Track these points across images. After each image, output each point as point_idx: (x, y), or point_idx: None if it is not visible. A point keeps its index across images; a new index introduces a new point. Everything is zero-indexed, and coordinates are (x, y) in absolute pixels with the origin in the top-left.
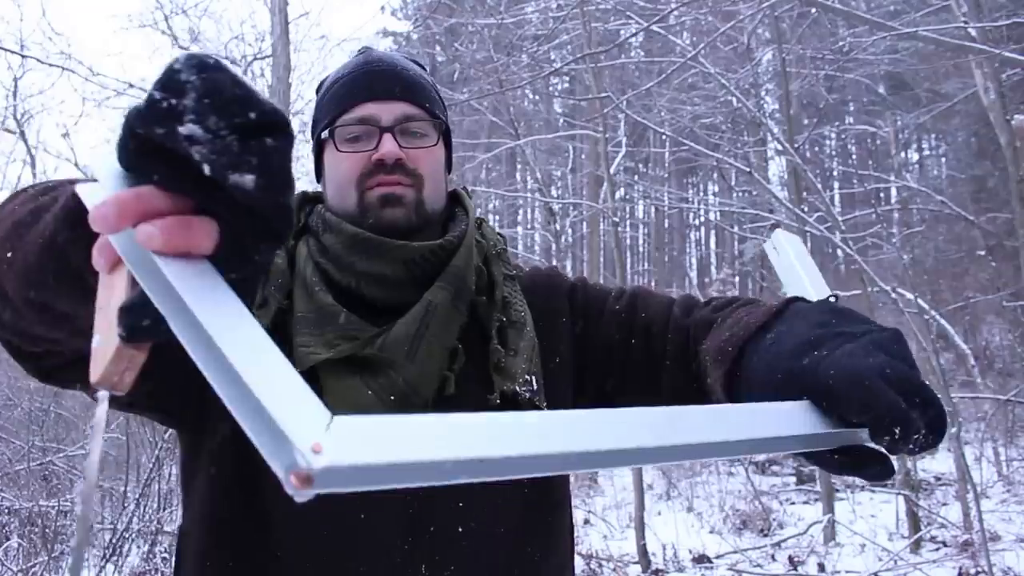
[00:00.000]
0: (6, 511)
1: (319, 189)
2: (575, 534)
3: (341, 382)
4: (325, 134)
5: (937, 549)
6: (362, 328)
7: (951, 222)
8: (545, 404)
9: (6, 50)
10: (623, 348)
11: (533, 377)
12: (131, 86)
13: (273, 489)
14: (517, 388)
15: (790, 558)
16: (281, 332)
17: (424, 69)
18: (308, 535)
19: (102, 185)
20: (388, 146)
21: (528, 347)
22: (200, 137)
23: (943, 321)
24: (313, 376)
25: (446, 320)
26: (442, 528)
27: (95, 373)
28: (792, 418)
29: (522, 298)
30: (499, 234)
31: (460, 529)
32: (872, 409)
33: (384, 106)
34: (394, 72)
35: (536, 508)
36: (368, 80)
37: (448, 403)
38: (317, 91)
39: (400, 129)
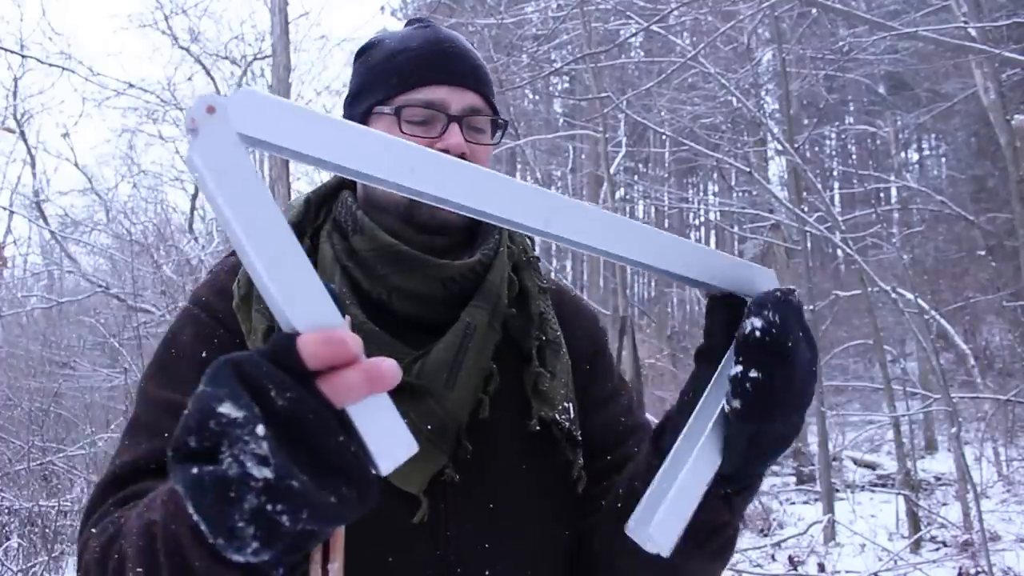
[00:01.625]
0: (6, 511)
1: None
2: None
3: None
4: (386, 109)
5: (937, 549)
6: (399, 351)
7: (951, 222)
8: (580, 434)
9: (6, 50)
10: (614, 443)
11: (571, 405)
12: (131, 86)
13: None
14: (557, 416)
15: (790, 558)
16: None
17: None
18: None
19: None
20: (456, 138)
21: (564, 370)
22: None
23: (943, 321)
24: None
25: (483, 341)
26: (469, 569)
27: None
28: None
29: (555, 315)
30: (528, 237)
31: (487, 572)
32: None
33: (455, 93)
34: (467, 57)
35: (566, 546)
36: (440, 61)
37: (482, 427)
38: (358, 56)
39: (466, 121)
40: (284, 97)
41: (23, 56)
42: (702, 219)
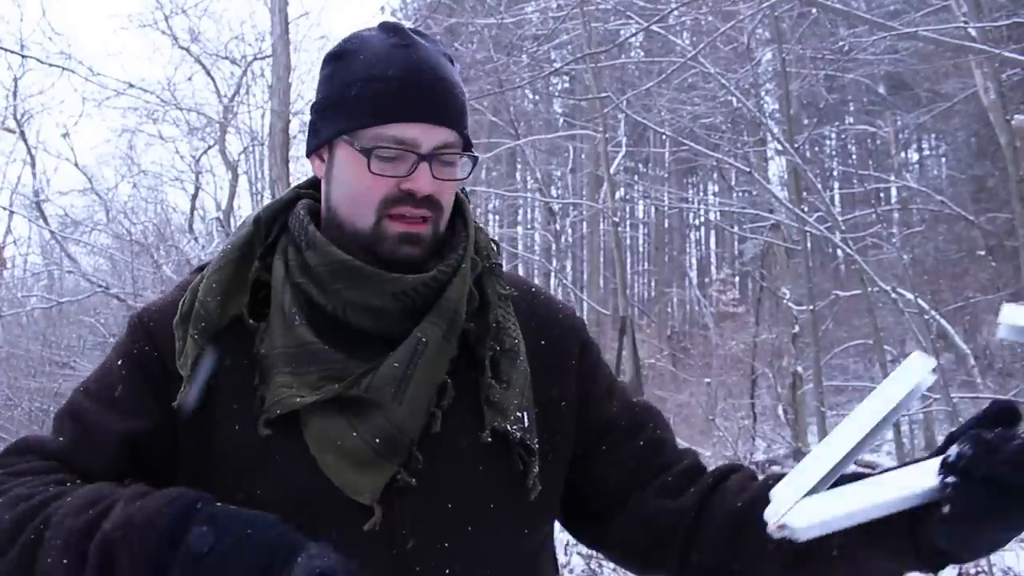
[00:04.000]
0: None
1: (298, 181)
2: (558, 561)
3: (325, 422)
4: (355, 143)
5: None
6: (347, 367)
7: (951, 222)
8: (536, 442)
9: (6, 50)
10: (624, 438)
11: (524, 413)
12: (131, 86)
13: None
14: (508, 427)
15: None
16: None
17: (454, 64)
18: None
19: None
20: (423, 180)
21: (521, 379)
22: None
23: (943, 321)
24: (293, 416)
25: (436, 357)
26: (427, 569)
27: None
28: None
29: (515, 322)
30: (493, 241)
31: (447, 571)
32: None
33: (427, 131)
34: (441, 87)
35: (523, 549)
36: (416, 95)
37: (435, 441)
38: (331, 59)
39: (435, 158)
40: (284, 97)
41: (23, 56)
42: (702, 219)
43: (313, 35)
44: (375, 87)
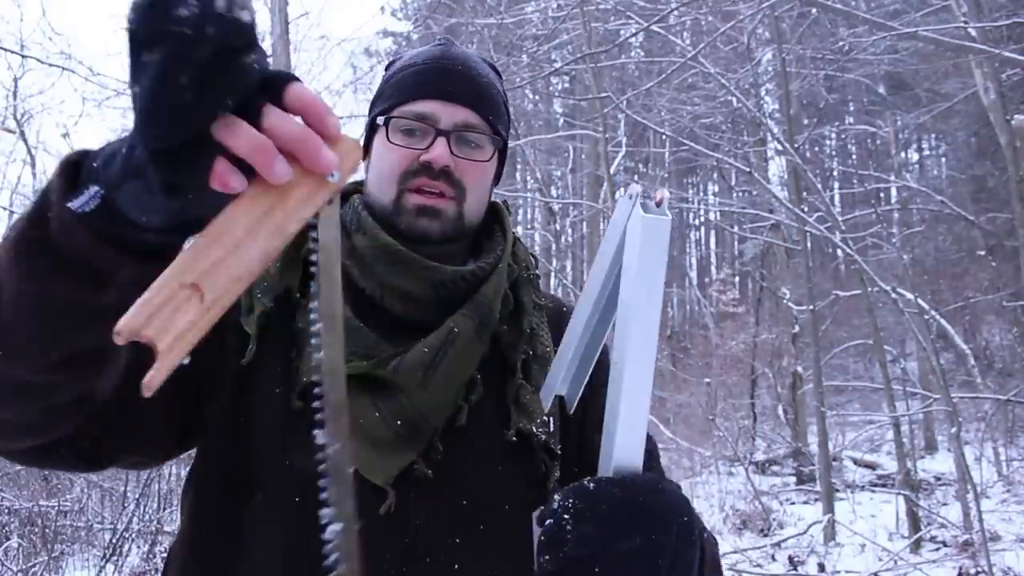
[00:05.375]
0: (6, 511)
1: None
2: None
3: (349, 399)
4: (380, 120)
5: (937, 549)
6: (379, 347)
7: (951, 222)
8: (560, 448)
9: (6, 50)
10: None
11: (551, 419)
12: None
13: (259, 506)
14: (534, 428)
15: (790, 558)
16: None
17: (499, 75)
18: (296, 558)
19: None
20: (439, 150)
21: None
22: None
23: (943, 321)
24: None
25: (466, 349)
26: (436, 561)
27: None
28: None
29: (548, 331)
30: (532, 255)
31: (456, 566)
32: None
33: (447, 108)
34: (466, 75)
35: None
36: (438, 76)
37: (459, 433)
38: (386, 69)
39: (456, 136)
40: None
41: (23, 56)
42: (702, 219)
43: (313, 35)
44: (404, 74)
